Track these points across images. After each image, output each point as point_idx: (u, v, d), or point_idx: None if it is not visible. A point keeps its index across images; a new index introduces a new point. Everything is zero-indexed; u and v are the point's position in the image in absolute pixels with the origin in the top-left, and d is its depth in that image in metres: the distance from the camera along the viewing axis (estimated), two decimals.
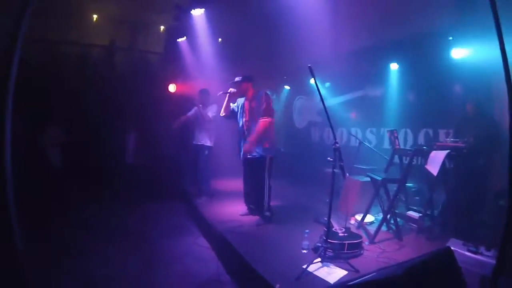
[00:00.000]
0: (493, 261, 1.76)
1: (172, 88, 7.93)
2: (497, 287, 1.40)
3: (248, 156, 4.24)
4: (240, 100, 4.49)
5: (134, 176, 6.96)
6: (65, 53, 7.45)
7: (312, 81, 3.23)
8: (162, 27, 8.28)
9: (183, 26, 7.03)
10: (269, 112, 4.17)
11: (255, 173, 4.27)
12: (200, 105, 5.37)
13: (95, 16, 7.70)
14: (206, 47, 7.22)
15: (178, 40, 7.53)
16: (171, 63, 7.93)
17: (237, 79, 4.32)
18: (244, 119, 4.34)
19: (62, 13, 6.83)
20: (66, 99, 6.87)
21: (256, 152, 4.16)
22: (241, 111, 4.40)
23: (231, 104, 4.50)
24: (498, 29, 1.40)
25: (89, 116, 7.42)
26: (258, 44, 7.75)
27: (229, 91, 4.31)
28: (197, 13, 6.32)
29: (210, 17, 6.56)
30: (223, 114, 4.50)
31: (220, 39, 7.79)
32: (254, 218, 4.41)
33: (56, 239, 3.99)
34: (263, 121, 4.08)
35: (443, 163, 3.53)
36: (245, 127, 4.32)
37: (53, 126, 6.43)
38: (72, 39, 7.42)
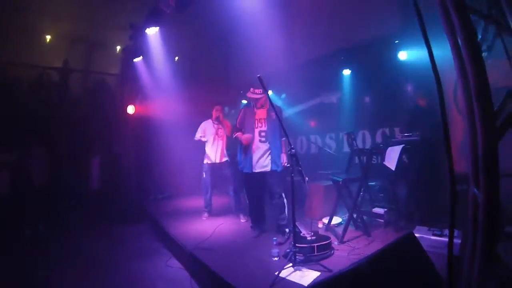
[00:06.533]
0: (457, 241, 1.87)
1: (130, 109, 7.73)
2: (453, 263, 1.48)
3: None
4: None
5: (98, 201, 6.64)
6: (16, 75, 7.01)
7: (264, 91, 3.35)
8: (118, 47, 8.05)
9: (138, 45, 6.87)
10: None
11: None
12: None
13: (48, 37, 7.33)
14: (163, 66, 7.11)
15: (134, 60, 7.37)
16: (128, 84, 7.73)
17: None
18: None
19: (13, 33, 6.46)
20: (19, 125, 6.45)
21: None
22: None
23: None
24: (425, 36, 1.52)
25: (48, 142, 6.99)
26: (214, 60, 7.79)
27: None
28: (152, 31, 6.22)
29: (165, 36, 6.47)
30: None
31: (176, 58, 7.74)
32: (224, 233, 4.43)
33: (15, 270, 3.72)
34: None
35: (400, 157, 3.71)
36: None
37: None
38: (24, 60, 6.99)
